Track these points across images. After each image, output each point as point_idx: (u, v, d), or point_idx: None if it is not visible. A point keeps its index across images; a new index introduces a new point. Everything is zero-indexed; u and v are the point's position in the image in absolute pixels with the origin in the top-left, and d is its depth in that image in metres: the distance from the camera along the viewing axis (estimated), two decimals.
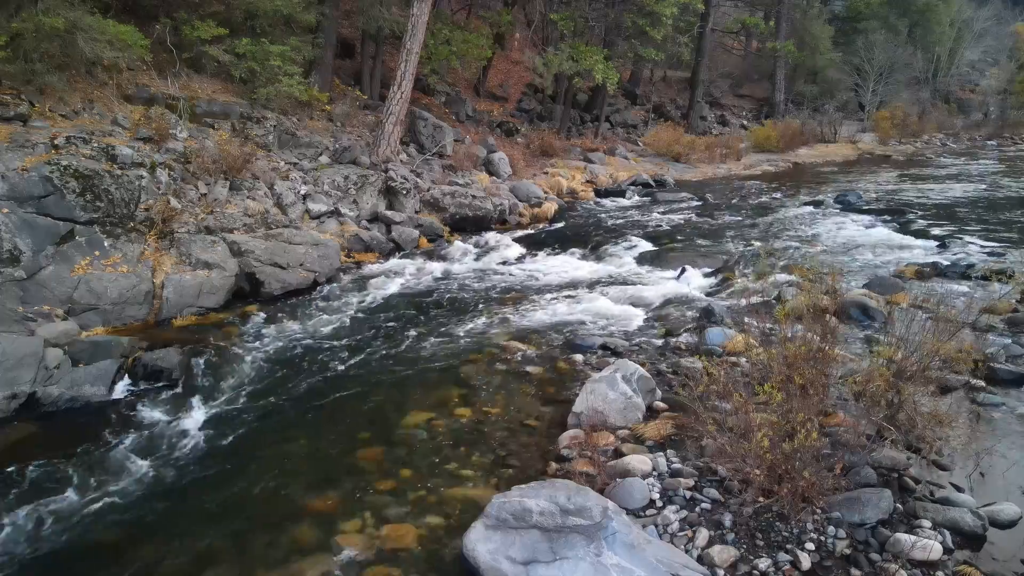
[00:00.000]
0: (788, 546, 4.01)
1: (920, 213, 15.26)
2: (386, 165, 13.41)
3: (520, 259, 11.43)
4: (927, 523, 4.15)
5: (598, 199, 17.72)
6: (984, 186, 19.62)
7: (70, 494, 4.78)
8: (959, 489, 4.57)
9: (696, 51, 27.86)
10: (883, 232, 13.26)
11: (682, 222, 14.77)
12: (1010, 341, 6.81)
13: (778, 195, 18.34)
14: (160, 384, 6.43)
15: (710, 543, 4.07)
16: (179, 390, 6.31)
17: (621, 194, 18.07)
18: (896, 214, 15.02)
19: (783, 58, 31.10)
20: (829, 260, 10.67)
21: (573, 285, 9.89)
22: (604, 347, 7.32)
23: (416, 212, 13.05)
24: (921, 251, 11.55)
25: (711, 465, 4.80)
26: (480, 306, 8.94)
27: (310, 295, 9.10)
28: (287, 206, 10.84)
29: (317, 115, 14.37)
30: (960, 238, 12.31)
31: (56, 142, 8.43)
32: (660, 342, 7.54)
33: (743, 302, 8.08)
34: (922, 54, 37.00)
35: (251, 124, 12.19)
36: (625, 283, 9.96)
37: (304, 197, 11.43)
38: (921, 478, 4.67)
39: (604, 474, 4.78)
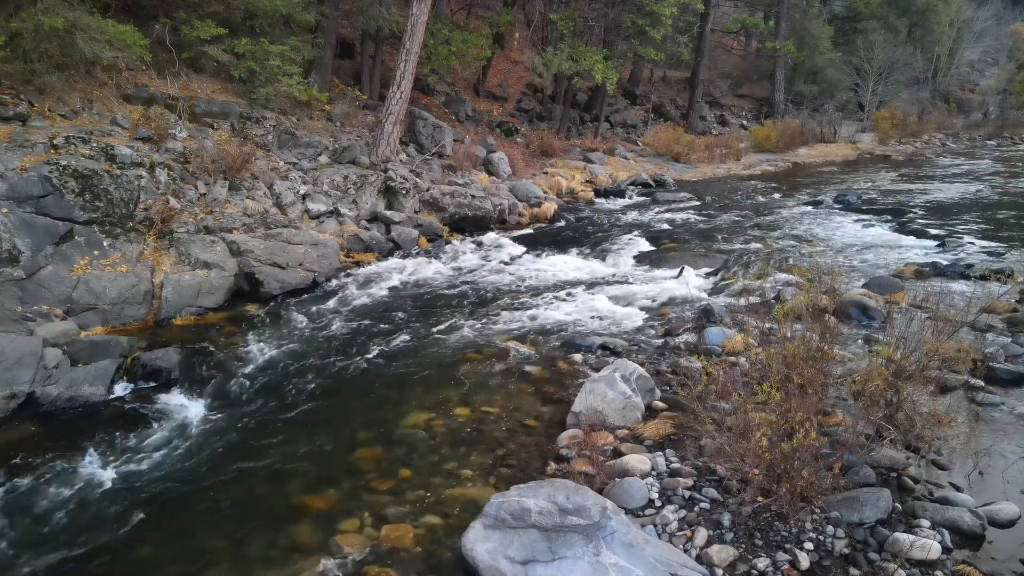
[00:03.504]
0: (787, 545, 4.01)
1: (920, 213, 15.27)
2: (385, 165, 13.41)
3: (519, 259, 11.42)
4: (926, 523, 4.16)
5: (597, 199, 17.73)
6: (984, 186, 19.62)
7: (69, 494, 4.78)
8: (958, 489, 4.57)
9: (696, 51, 27.86)
10: (882, 232, 13.27)
11: (681, 222, 14.77)
12: (1009, 340, 6.82)
13: (778, 195, 18.34)
14: (159, 384, 6.43)
15: (709, 543, 4.07)
16: (178, 390, 6.31)
17: (620, 194, 18.08)
18: (895, 214, 15.03)
19: (783, 58, 31.10)
20: (828, 260, 10.67)
21: (572, 285, 9.89)
22: (603, 347, 7.32)
23: (415, 212, 13.04)
24: (920, 251, 11.55)
25: (710, 465, 4.80)
26: (479, 306, 8.94)
27: (309, 295, 9.10)
28: (286, 206, 10.84)
29: (316, 115, 14.37)
30: (959, 238, 12.31)
31: (55, 142, 8.43)
32: (659, 342, 7.54)
33: (742, 302, 8.09)
34: (922, 54, 36.98)
35: (250, 124, 12.19)
36: (624, 283, 9.96)
37: (303, 197, 11.43)
38: (920, 478, 4.67)
39: (603, 474, 4.78)
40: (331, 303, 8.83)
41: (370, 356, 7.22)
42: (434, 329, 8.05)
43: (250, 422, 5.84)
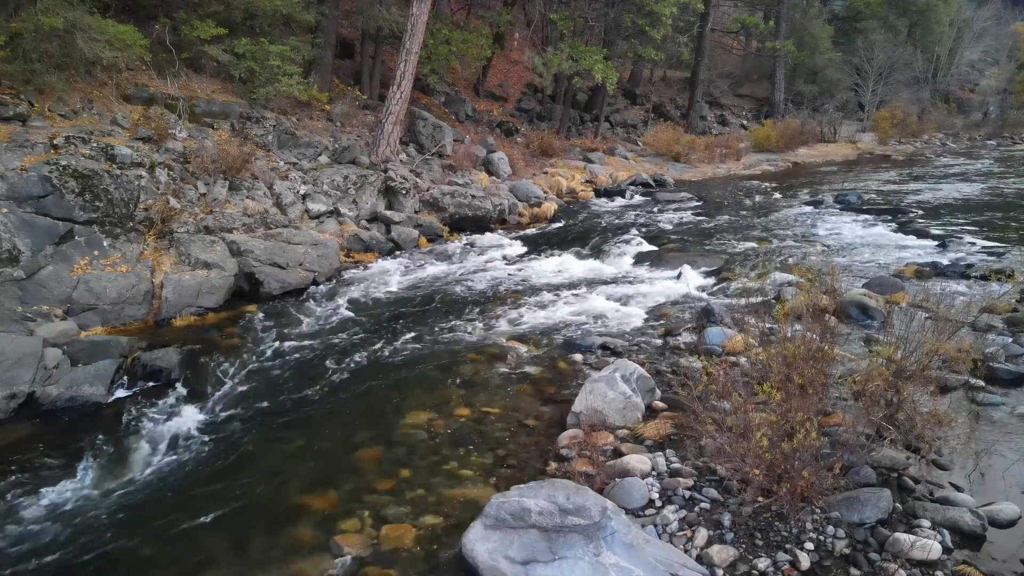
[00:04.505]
0: (787, 546, 4.01)
1: (920, 213, 15.26)
2: (385, 165, 13.41)
3: (519, 259, 11.42)
4: (926, 523, 4.15)
5: (598, 199, 17.72)
6: (984, 186, 19.61)
7: (69, 494, 4.78)
8: (958, 489, 4.57)
9: (696, 51, 27.85)
10: (883, 232, 13.26)
11: (681, 222, 14.76)
12: (1010, 340, 6.82)
13: (778, 195, 18.33)
14: (159, 384, 6.42)
15: (709, 543, 4.07)
16: (178, 390, 6.30)
17: (621, 194, 18.07)
18: (896, 214, 15.02)
19: (783, 58, 31.09)
20: (829, 260, 10.67)
21: (573, 285, 9.89)
22: (603, 347, 7.32)
23: (415, 212, 13.05)
24: (921, 251, 11.54)
25: (710, 465, 4.80)
26: (480, 306, 8.94)
27: (309, 295, 9.09)
28: (286, 206, 10.84)
29: (317, 115, 14.37)
30: (960, 238, 12.31)
31: (55, 142, 8.43)
32: (659, 342, 7.54)
33: (742, 302, 8.08)
34: (922, 54, 36.95)
35: (250, 124, 12.19)
36: (624, 283, 9.96)
37: (303, 197, 11.42)
38: (920, 478, 4.67)
39: (603, 474, 4.77)
40: (331, 303, 8.83)
41: (370, 356, 7.22)
42: (434, 329, 8.05)
43: (250, 422, 5.84)
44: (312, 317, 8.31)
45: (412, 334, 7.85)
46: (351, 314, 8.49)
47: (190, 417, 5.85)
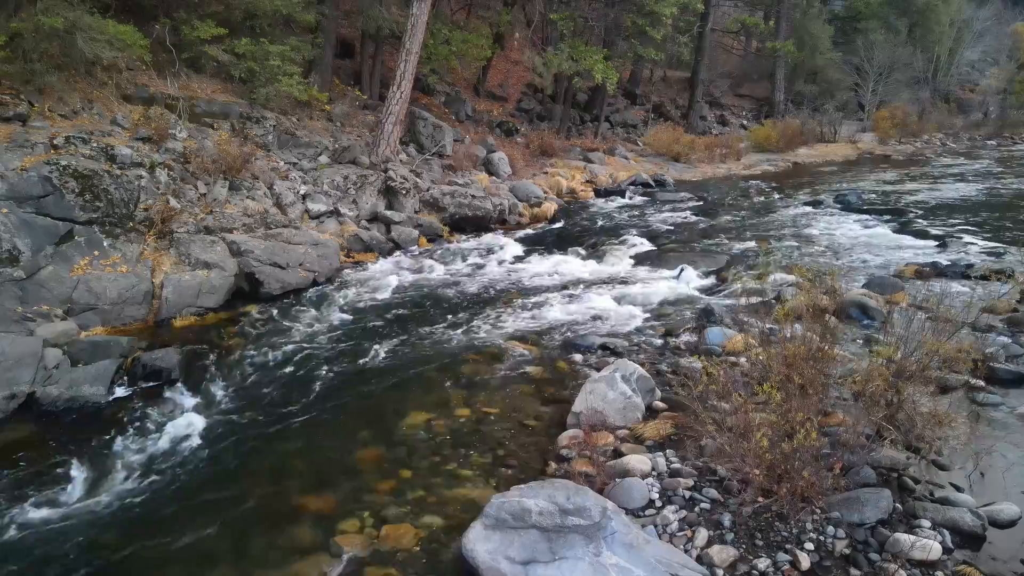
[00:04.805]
0: (787, 546, 4.01)
1: (920, 213, 15.26)
2: (385, 165, 13.40)
3: (519, 259, 11.42)
4: (926, 523, 4.16)
5: (598, 199, 17.71)
6: (984, 186, 19.62)
7: (69, 494, 4.78)
8: (959, 489, 4.57)
9: (696, 51, 27.88)
10: (883, 232, 13.26)
11: (682, 222, 14.77)
12: (1010, 341, 6.82)
13: (778, 195, 18.33)
14: (159, 384, 6.42)
15: (709, 543, 4.07)
16: (178, 390, 6.30)
17: (621, 194, 18.06)
18: (896, 214, 15.03)
19: (783, 58, 31.10)
20: (829, 260, 10.67)
21: (572, 285, 9.89)
22: (603, 347, 7.32)
23: (416, 212, 13.04)
24: (921, 251, 11.55)
25: (710, 465, 4.80)
26: (479, 306, 8.94)
27: (310, 295, 9.09)
28: (286, 206, 10.84)
29: (317, 115, 14.37)
30: (960, 238, 12.31)
31: (55, 142, 8.43)
32: (659, 342, 7.54)
33: (742, 302, 8.09)
34: (922, 54, 36.92)
35: (250, 124, 12.18)
36: (624, 283, 9.96)
37: (303, 197, 11.42)
38: (920, 478, 4.67)
39: (603, 474, 4.77)
40: (331, 303, 8.83)
41: (370, 356, 7.22)
42: (434, 329, 8.05)
43: (250, 422, 5.84)
44: (312, 317, 8.31)
45: (412, 334, 7.85)
46: (351, 315, 8.49)
47: (190, 417, 5.84)
